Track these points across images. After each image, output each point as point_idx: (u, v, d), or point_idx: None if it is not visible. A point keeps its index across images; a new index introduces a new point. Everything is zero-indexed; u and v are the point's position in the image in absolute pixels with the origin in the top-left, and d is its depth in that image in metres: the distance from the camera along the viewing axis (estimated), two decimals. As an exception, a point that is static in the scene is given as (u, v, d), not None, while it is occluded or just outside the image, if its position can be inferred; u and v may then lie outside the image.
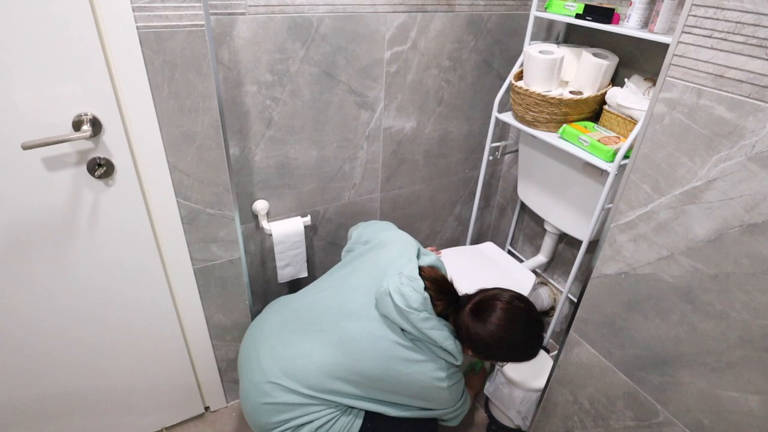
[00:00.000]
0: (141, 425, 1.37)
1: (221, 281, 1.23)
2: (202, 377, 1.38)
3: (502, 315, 0.95)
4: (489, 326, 0.95)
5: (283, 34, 1.13)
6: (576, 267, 1.34)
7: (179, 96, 0.94)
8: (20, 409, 1.14)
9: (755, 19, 0.59)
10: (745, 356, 0.71)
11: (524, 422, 1.34)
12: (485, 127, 1.61)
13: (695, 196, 0.71)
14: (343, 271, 1.10)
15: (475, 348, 0.98)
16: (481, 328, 0.95)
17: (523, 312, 0.98)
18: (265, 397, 0.99)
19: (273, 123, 1.23)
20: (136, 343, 1.20)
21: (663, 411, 0.86)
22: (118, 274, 1.08)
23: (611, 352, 0.93)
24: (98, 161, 0.93)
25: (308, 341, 1.00)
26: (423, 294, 0.92)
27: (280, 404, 0.98)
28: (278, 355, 1.01)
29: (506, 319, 0.95)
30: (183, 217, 1.08)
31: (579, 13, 1.17)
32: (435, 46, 1.36)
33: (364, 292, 0.99)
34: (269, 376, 0.99)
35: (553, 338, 1.68)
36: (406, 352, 0.95)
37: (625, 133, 1.19)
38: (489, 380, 1.44)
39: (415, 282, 0.93)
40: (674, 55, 0.69)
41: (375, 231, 1.17)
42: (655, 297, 0.81)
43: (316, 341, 0.99)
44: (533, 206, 1.57)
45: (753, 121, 0.62)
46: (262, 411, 0.99)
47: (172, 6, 0.86)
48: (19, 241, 0.94)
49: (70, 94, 0.85)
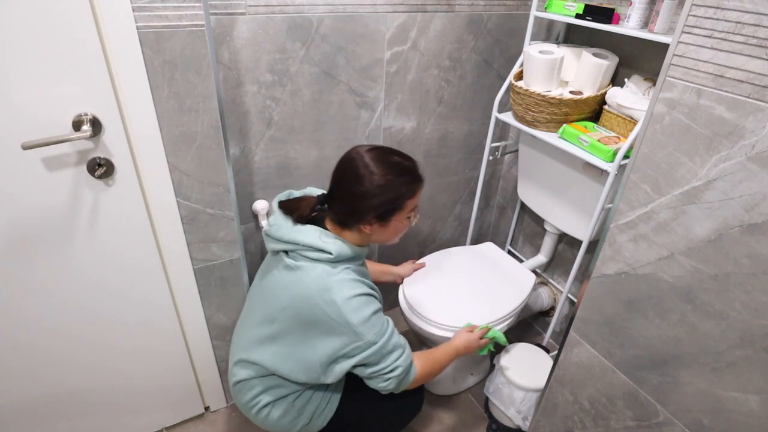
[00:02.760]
0: (141, 425, 1.37)
1: (221, 281, 1.23)
2: (202, 377, 1.38)
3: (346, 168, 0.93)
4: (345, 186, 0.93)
5: (283, 34, 1.13)
6: (576, 267, 1.34)
7: (179, 96, 0.94)
8: (20, 409, 1.14)
9: (755, 19, 0.59)
10: (745, 356, 0.71)
11: (524, 422, 1.34)
12: (485, 127, 1.61)
13: (695, 196, 0.71)
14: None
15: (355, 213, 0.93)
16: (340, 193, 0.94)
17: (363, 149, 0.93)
18: (233, 377, 1.06)
19: (273, 123, 1.23)
20: (136, 343, 1.20)
21: (663, 411, 0.86)
22: (118, 274, 1.08)
23: (611, 352, 0.93)
24: (98, 161, 0.93)
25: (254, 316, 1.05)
26: (279, 210, 0.98)
27: (242, 381, 1.03)
28: (238, 335, 1.09)
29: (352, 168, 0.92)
30: (183, 217, 1.08)
31: (579, 13, 1.17)
32: (435, 46, 1.36)
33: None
34: (234, 356, 1.07)
35: (553, 338, 1.68)
36: (290, 274, 0.93)
37: (625, 133, 1.19)
38: (489, 380, 1.44)
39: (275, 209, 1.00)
40: (674, 55, 0.69)
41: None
42: (655, 297, 0.81)
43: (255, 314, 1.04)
44: (533, 206, 1.57)
45: (753, 121, 0.62)
46: (235, 392, 1.06)
47: (172, 6, 0.86)
48: (19, 241, 0.94)
49: (70, 94, 0.85)
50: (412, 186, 0.94)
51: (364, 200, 0.91)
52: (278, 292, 0.96)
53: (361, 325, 0.90)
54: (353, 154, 0.94)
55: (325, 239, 0.93)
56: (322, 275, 0.91)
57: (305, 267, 0.92)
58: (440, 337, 1.27)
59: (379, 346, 0.93)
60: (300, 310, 0.92)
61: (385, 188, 0.91)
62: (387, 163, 0.91)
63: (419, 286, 1.39)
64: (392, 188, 0.91)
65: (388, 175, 0.90)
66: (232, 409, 1.49)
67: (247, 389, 1.04)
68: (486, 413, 1.50)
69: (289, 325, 0.95)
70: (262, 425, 1.07)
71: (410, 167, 0.94)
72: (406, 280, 1.41)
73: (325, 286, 0.90)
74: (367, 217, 0.92)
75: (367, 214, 0.92)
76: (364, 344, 0.92)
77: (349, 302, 0.90)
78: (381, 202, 0.91)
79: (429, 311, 1.30)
